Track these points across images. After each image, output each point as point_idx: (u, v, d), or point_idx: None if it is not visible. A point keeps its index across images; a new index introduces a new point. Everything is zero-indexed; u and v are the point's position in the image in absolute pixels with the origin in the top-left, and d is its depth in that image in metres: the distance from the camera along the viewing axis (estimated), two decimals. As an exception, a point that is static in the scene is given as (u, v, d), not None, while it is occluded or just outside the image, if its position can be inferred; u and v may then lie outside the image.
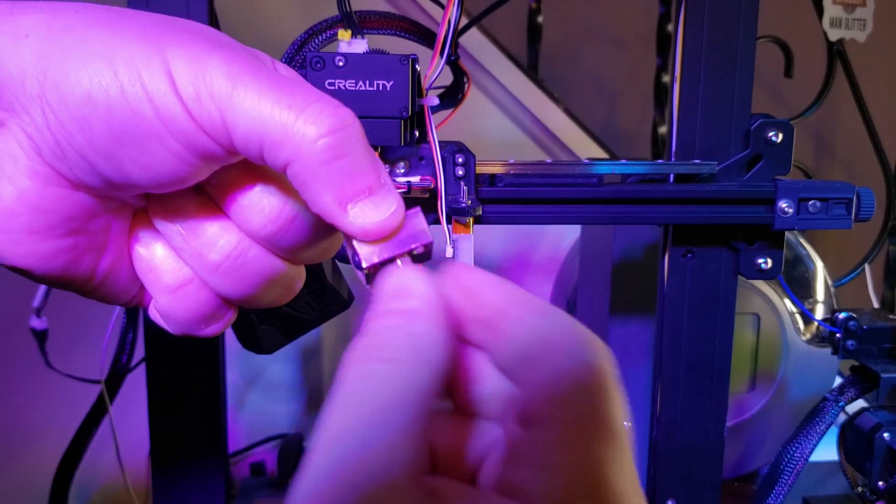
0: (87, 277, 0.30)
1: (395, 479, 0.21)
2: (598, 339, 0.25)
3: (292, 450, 0.88)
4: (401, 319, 0.25)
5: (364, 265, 0.26)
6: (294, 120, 0.25)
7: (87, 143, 0.26)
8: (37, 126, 0.26)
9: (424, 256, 0.27)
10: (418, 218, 0.27)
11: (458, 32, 0.51)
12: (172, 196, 0.29)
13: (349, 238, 0.27)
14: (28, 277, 0.29)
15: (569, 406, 0.23)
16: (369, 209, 0.26)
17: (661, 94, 1.00)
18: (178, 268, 0.30)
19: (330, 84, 0.46)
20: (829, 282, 0.85)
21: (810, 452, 0.66)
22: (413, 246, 0.26)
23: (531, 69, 1.11)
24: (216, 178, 0.29)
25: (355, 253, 0.26)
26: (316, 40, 0.51)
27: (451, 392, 0.27)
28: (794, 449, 0.66)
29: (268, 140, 0.25)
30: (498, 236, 1.09)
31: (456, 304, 0.26)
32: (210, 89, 0.25)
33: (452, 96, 0.54)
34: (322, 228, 0.29)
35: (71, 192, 0.27)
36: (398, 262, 0.27)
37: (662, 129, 1.00)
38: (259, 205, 0.29)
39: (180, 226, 0.30)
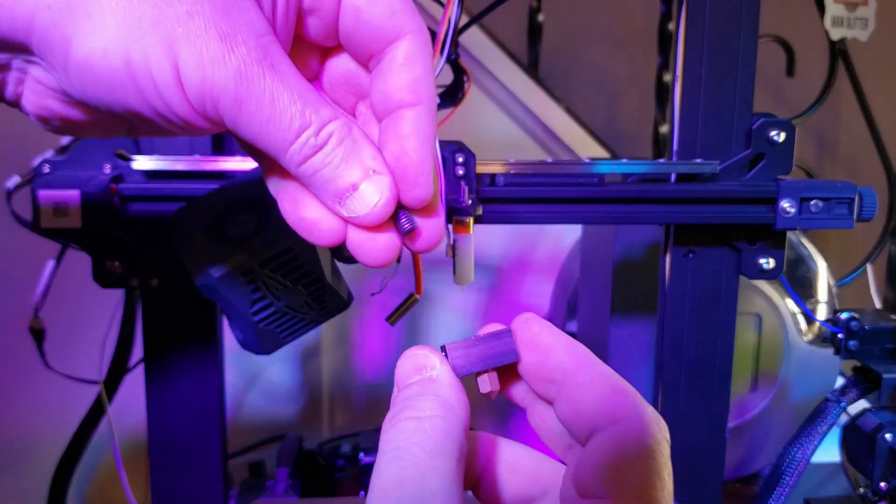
0: None
1: None
2: (652, 410, 0.27)
3: (291, 451, 0.88)
4: (425, 386, 0.28)
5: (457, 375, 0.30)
6: (284, 154, 0.28)
7: None
8: None
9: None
10: (510, 337, 0.30)
11: (459, 31, 0.50)
12: None
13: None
14: None
15: (619, 485, 0.25)
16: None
17: (663, 93, 1.00)
18: None
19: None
20: (831, 282, 0.85)
21: (812, 453, 0.66)
22: (501, 363, 0.30)
23: (532, 68, 1.11)
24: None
25: (447, 363, 0.30)
26: (315, 39, 0.51)
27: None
28: (795, 450, 0.66)
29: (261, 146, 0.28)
30: (498, 236, 1.09)
31: (528, 358, 0.29)
32: (216, 106, 0.27)
33: (453, 95, 0.54)
34: None
35: None
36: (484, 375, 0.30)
37: (664, 129, 0.99)
38: None
39: None
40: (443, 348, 0.30)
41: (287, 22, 0.29)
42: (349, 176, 0.28)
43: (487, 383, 0.30)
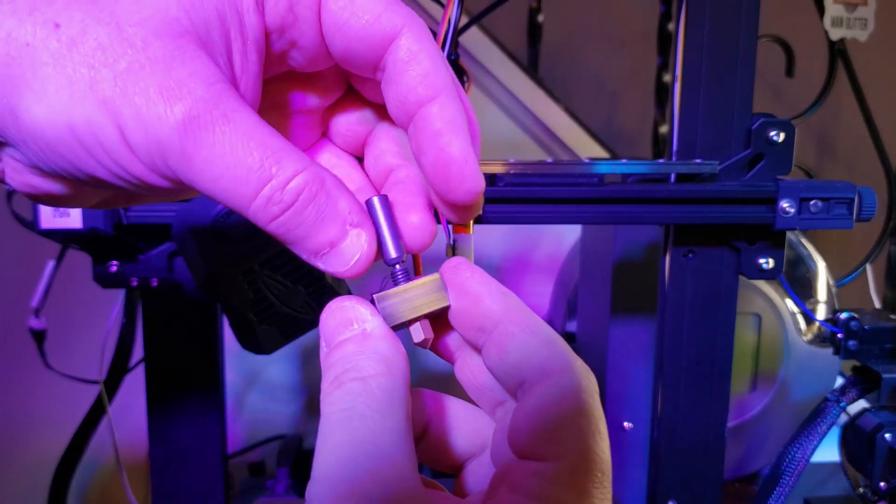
0: None
1: (408, 482, 0.24)
2: (581, 362, 0.27)
3: (291, 450, 0.88)
4: (362, 344, 0.27)
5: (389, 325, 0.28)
6: (247, 210, 0.26)
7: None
8: None
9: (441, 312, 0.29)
10: (440, 282, 0.29)
11: (459, 31, 0.50)
12: None
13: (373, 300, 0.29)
14: None
15: (562, 444, 0.25)
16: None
17: (662, 93, 1.00)
18: None
19: (329, 83, 0.46)
20: (831, 282, 0.85)
21: (811, 453, 0.66)
22: (433, 309, 0.28)
23: (531, 68, 1.11)
24: None
25: (378, 314, 0.28)
26: (315, 39, 0.51)
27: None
28: (795, 450, 0.66)
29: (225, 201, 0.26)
30: (498, 236, 1.09)
31: (457, 304, 0.28)
32: (167, 163, 0.25)
33: (452, 95, 0.54)
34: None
35: None
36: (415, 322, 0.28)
37: (663, 129, 1.00)
38: None
39: None
40: (371, 299, 0.28)
41: (247, 65, 0.27)
42: (325, 234, 0.27)
43: (421, 332, 0.29)
